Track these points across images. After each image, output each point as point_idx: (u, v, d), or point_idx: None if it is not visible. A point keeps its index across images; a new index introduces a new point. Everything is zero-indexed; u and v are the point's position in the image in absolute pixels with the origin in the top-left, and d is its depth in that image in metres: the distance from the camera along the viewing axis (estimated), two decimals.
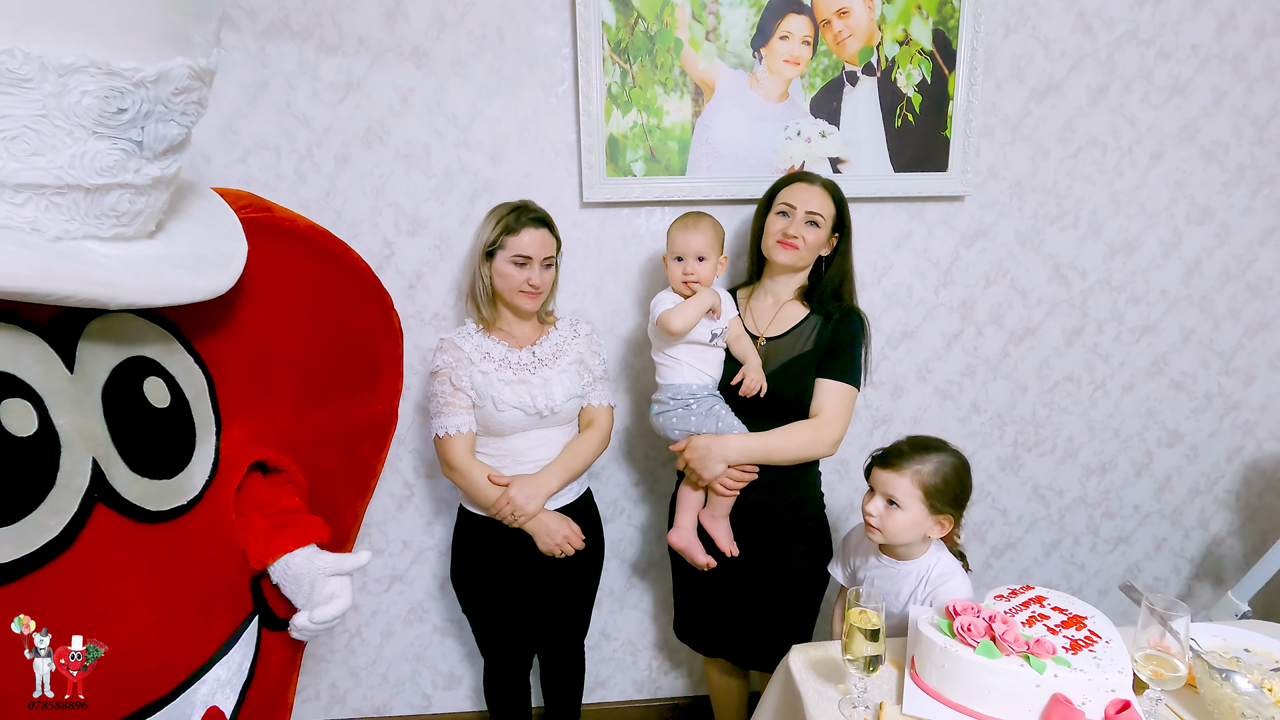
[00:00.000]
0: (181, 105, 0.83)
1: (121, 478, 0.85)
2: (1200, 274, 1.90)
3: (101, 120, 0.75)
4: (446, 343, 1.48)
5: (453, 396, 1.45)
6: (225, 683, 0.96)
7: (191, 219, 1.01)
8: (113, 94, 0.74)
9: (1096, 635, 0.96)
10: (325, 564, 1.08)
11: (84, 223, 0.79)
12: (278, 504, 1.12)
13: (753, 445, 1.41)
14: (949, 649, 0.95)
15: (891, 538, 1.24)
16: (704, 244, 1.42)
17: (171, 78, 0.79)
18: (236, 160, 1.62)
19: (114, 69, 0.73)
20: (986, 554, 2.04)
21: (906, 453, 1.25)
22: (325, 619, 1.05)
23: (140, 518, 0.86)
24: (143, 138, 0.80)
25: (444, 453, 1.47)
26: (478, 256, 1.46)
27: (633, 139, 1.65)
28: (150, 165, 0.83)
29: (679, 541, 1.50)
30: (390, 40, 1.59)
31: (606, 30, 1.59)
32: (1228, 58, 1.77)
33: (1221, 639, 1.09)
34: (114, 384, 0.87)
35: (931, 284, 1.84)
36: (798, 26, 1.64)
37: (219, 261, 0.99)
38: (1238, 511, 2.06)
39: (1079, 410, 1.96)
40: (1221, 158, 1.83)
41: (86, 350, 0.84)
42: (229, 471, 1.03)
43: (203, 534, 0.96)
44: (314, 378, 1.25)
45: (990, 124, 1.75)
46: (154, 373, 0.93)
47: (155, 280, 0.86)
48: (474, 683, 2.00)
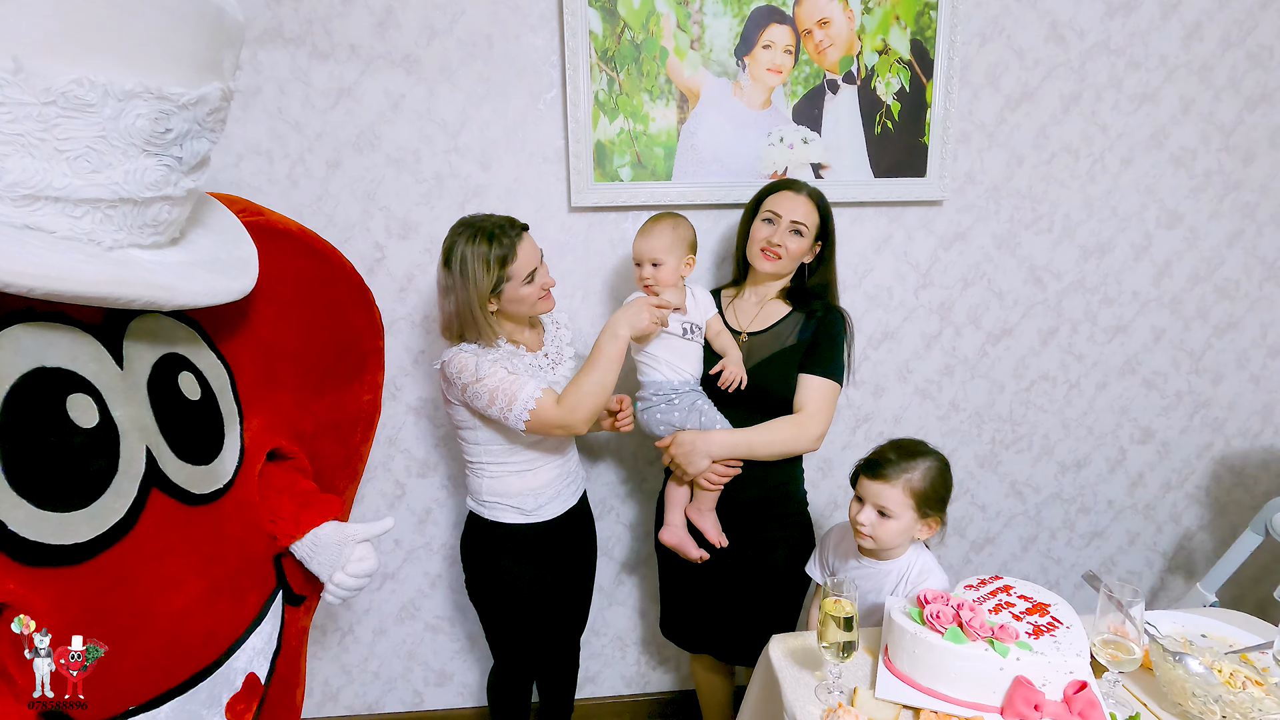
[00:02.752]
0: (212, 123, 0.90)
1: (171, 464, 0.92)
2: (1170, 276, 1.96)
3: (151, 140, 0.82)
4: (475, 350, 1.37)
5: (513, 376, 1.34)
6: (260, 651, 1.04)
7: (203, 226, 1.08)
8: (161, 116, 0.82)
9: (1058, 621, 1.01)
10: (354, 532, 1.16)
11: (130, 233, 0.86)
12: (297, 486, 1.20)
13: (736, 440, 1.44)
14: (919, 635, 1.00)
15: (884, 544, 1.27)
16: (659, 248, 1.44)
17: (208, 100, 0.87)
18: (229, 165, 1.65)
19: (165, 94, 0.81)
20: (966, 549, 2.09)
21: (894, 461, 1.25)
22: (360, 572, 1.13)
23: (188, 500, 0.94)
24: (182, 154, 0.87)
25: (544, 419, 1.33)
26: (474, 303, 1.33)
27: (619, 145, 1.69)
28: (186, 179, 0.90)
29: (670, 539, 1.53)
30: (381, 47, 1.62)
31: (594, 39, 1.63)
32: (1195, 67, 1.83)
33: (1180, 625, 1.14)
34: (155, 379, 0.94)
35: (911, 286, 1.89)
36: (780, 36, 1.68)
37: (237, 264, 1.06)
38: (1208, 506, 2.12)
39: (1054, 408, 2.01)
40: (1189, 164, 1.89)
41: (131, 348, 0.91)
42: (253, 457, 1.11)
43: (236, 515, 1.03)
44: (313, 371, 1.32)
45: (967, 130, 1.80)
46: (186, 368, 1.00)
47: (199, 283, 0.94)
48: (465, 679, 2.03)
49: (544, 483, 1.49)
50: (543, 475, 1.49)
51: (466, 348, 1.39)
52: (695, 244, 1.51)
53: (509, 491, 1.48)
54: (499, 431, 1.44)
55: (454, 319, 1.38)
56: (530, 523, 1.49)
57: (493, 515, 1.49)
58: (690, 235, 1.49)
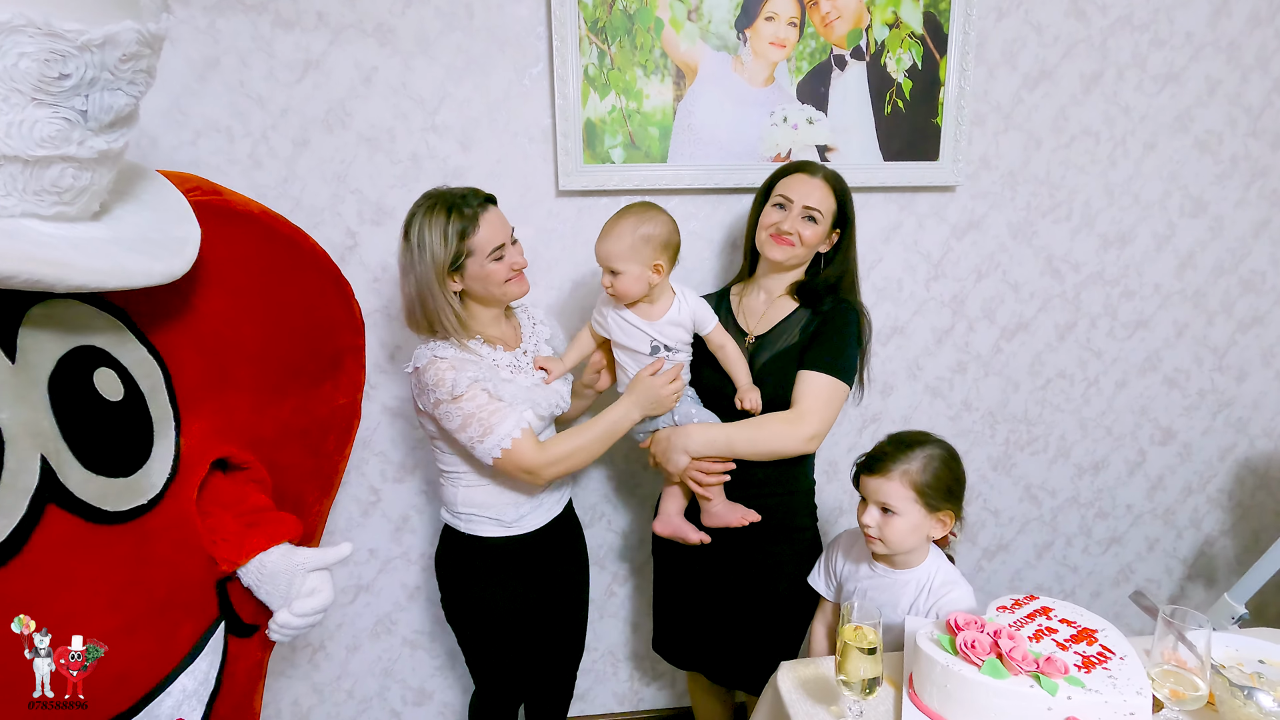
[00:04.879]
0: (129, 73, 0.77)
1: (75, 476, 0.80)
2: (1194, 268, 1.85)
3: (41, 86, 0.69)
4: (454, 358, 1.24)
5: (494, 404, 1.22)
6: (192, 694, 0.92)
7: (137, 202, 0.95)
8: (54, 57, 0.69)
9: (1110, 651, 0.89)
10: (305, 559, 1.03)
11: (22, 199, 0.74)
12: (246, 502, 1.07)
13: (714, 435, 1.31)
14: (951, 668, 0.88)
15: (894, 546, 1.16)
16: (616, 254, 1.24)
17: (119, 42, 0.73)
18: (186, 143, 1.51)
19: (55, 30, 0.68)
20: (978, 556, 1.98)
21: (891, 453, 1.17)
22: (308, 610, 1.02)
23: (97, 519, 0.82)
24: (87, 107, 0.74)
25: (517, 462, 1.23)
26: (433, 280, 1.20)
27: (611, 124, 1.57)
28: (95, 138, 0.77)
29: (665, 529, 1.40)
30: (351, 16, 1.49)
31: (583, 8, 1.50)
32: (1222, 45, 1.73)
33: (1235, 650, 1.03)
34: (61, 375, 0.81)
35: (922, 277, 1.77)
36: (784, 7, 1.56)
37: (171, 245, 0.93)
38: (1230, 511, 2.02)
39: (1071, 408, 1.90)
40: (1215, 148, 1.79)
41: (28, 339, 0.79)
42: (190, 468, 0.98)
43: (164, 535, 0.91)
44: (275, 370, 1.19)
45: (982, 111, 1.69)
46: (105, 363, 0.87)
47: (106, 261, 0.80)
48: (446, 698, 1.90)
49: (525, 491, 1.35)
50: (524, 485, 1.34)
51: (442, 353, 1.24)
52: (671, 243, 1.28)
53: (487, 502, 1.34)
54: None
55: (415, 302, 1.23)
56: (511, 535, 1.36)
57: (469, 528, 1.36)
58: (662, 234, 1.26)
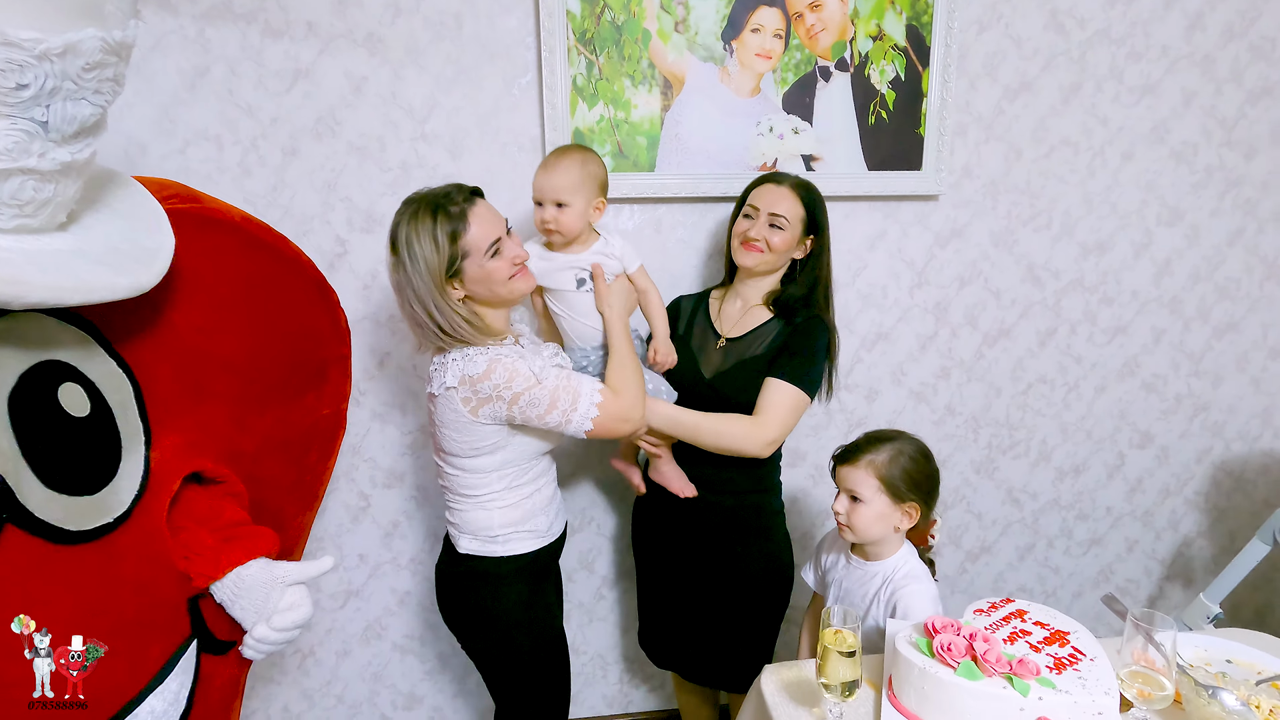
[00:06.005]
0: (94, 82, 0.75)
1: (35, 496, 0.78)
2: (1170, 274, 1.89)
3: None
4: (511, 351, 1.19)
5: (568, 373, 1.20)
6: (161, 715, 0.90)
7: (108, 210, 0.93)
8: (9, 67, 0.67)
9: (1080, 653, 0.92)
10: (284, 573, 1.01)
11: None
12: (221, 517, 1.05)
13: (682, 418, 1.34)
14: (928, 670, 0.90)
15: (861, 533, 1.22)
16: (565, 186, 1.23)
17: (81, 51, 0.71)
18: (175, 151, 1.51)
19: (10, 39, 0.66)
20: (961, 559, 2.01)
21: (863, 446, 1.24)
22: (286, 625, 1.00)
23: (59, 539, 0.80)
24: (48, 117, 0.72)
25: (614, 411, 1.18)
26: (433, 291, 1.13)
27: (599, 133, 1.59)
28: (58, 149, 0.75)
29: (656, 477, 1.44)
30: (341, 25, 1.50)
31: (571, 20, 1.52)
32: (1196, 59, 1.77)
33: (1203, 650, 1.06)
34: (22, 392, 0.79)
35: (906, 285, 1.80)
36: (770, 19, 1.58)
37: (141, 257, 0.90)
38: (1206, 512, 2.07)
39: (1052, 412, 1.94)
40: (1191, 159, 1.83)
41: None
42: (161, 484, 0.96)
43: (133, 553, 0.89)
44: (255, 381, 1.18)
45: (964, 122, 1.72)
46: (70, 378, 0.85)
47: (66, 277, 0.77)
48: (436, 702, 1.91)
49: (551, 494, 1.33)
50: (548, 487, 1.33)
51: (495, 352, 1.17)
52: (606, 184, 1.32)
53: (525, 516, 1.27)
54: (525, 446, 1.23)
55: (424, 319, 1.15)
56: (545, 545, 1.31)
57: (508, 549, 1.26)
58: (602, 174, 1.30)
